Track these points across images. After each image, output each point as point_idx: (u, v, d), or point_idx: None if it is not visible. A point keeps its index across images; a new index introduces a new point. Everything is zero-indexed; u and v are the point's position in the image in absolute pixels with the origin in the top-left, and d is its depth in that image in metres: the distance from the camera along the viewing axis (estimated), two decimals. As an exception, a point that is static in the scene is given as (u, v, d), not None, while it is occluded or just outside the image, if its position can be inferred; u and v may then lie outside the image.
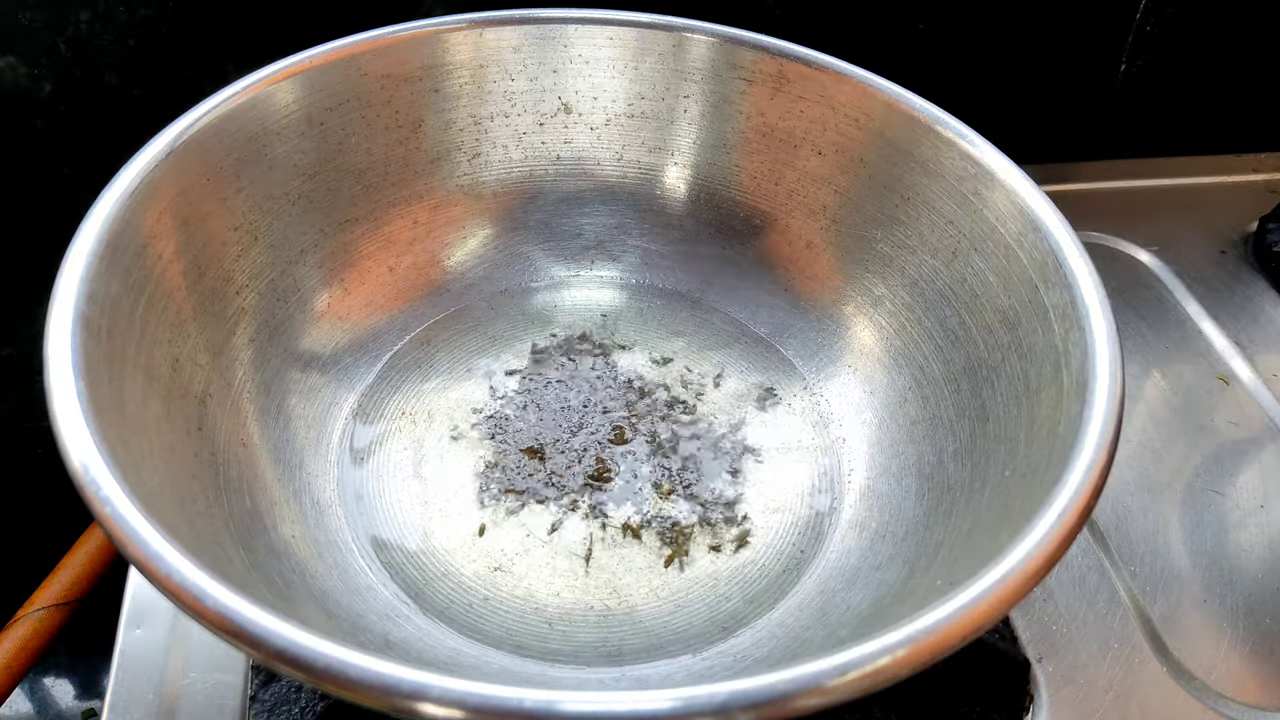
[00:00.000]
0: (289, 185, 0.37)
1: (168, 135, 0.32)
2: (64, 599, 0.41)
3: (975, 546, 0.28)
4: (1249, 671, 0.35)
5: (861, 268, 0.39)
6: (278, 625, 0.21)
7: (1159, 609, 0.37)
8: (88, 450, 0.23)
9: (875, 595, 0.31)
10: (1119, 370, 0.28)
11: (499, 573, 0.33)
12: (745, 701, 0.20)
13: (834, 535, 0.35)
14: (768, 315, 0.42)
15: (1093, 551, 0.39)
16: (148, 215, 0.30)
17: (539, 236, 0.43)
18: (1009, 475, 0.30)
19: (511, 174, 0.42)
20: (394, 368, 0.39)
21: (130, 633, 0.34)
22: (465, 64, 0.40)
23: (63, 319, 0.26)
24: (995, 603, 0.22)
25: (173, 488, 0.27)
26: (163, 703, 0.32)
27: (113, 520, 0.22)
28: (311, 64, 0.36)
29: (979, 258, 0.34)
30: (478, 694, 0.20)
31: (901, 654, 0.21)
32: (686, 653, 0.32)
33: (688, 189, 0.43)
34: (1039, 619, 0.36)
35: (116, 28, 0.44)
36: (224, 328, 0.34)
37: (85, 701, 0.58)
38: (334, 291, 0.39)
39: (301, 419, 0.36)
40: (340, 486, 0.35)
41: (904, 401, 0.37)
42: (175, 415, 0.30)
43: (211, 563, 0.22)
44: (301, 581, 0.30)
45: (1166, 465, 0.42)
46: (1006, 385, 0.32)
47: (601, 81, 0.41)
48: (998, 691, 0.34)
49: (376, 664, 0.20)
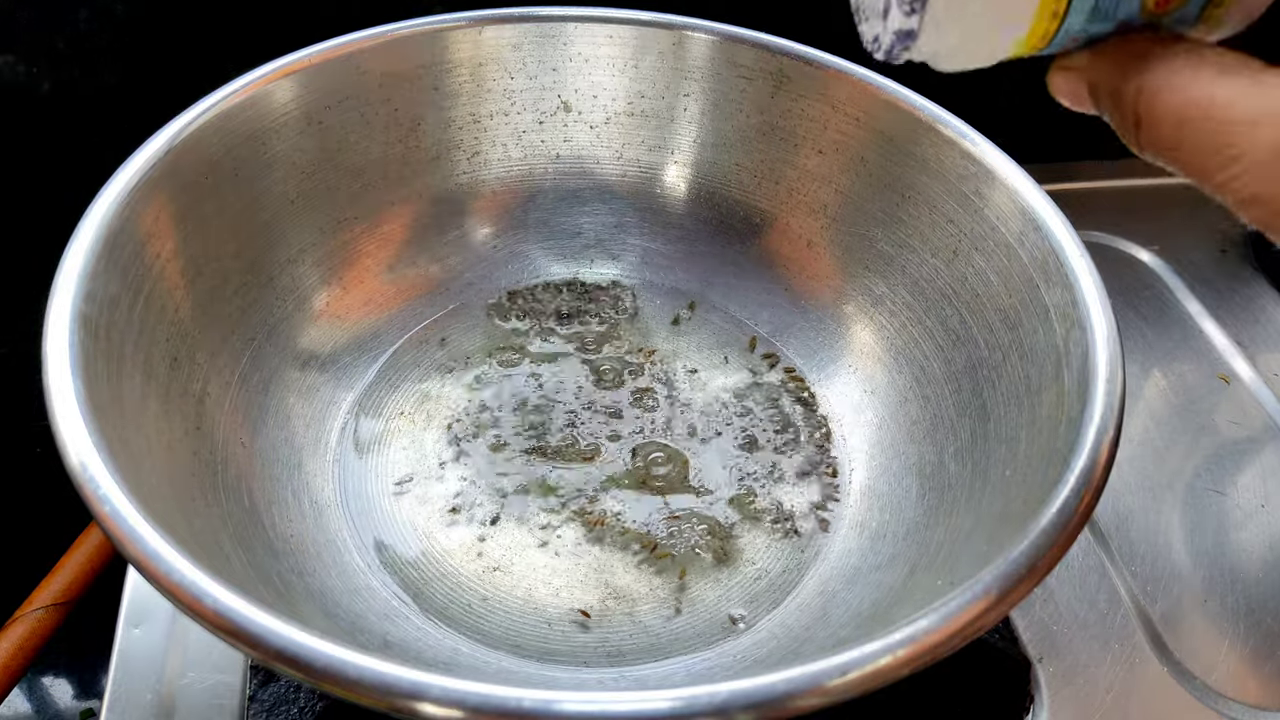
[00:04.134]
0: (287, 184, 0.37)
1: (166, 134, 0.32)
2: (62, 598, 0.41)
3: (975, 546, 0.28)
4: (1250, 671, 0.35)
5: (862, 267, 0.39)
6: (276, 625, 0.21)
7: (1159, 609, 0.37)
8: (86, 449, 0.23)
9: (875, 595, 0.31)
10: (1120, 370, 0.28)
11: (498, 573, 0.33)
12: (745, 701, 0.20)
13: (834, 535, 0.35)
14: (768, 314, 0.42)
15: (1093, 551, 0.39)
16: (146, 214, 0.30)
17: (538, 235, 0.43)
18: (1010, 475, 0.30)
19: (511, 172, 0.42)
20: (393, 367, 0.39)
21: (129, 632, 0.34)
22: (464, 62, 0.40)
23: (61, 317, 0.26)
24: (995, 603, 0.22)
25: (171, 486, 0.27)
26: (161, 702, 0.32)
27: (111, 519, 0.22)
28: (310, 62, 0.36)
29: (980, 257, 0.34)
30: (477, 694, 0.20)
31: (901, 654, 0.21)
32: (686, 653, 0.32)
33: (688, 188, 0.43)
34: (1039, 619, 0.36)
35: (115, 26, 0.44)
36: (222, 326, 0.34)
37: (84, 701, 0.58)
38: (333, 290, 0.39)
39: (300, 418, 0.36)
40: (339, 486, 0.35)
41: (904, 401, 0.37)
42: (173, 414, 0.30)
43: (210, 562, 0.22)
44: (300, 581, 0.30)
45: (1167, 465, 0.42)
46: (1007, 385, 0.32)
47: (601, 80, 0.41)
48: (998, 691, 0.34)
49: (375, 664, 0.20)
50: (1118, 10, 0.18)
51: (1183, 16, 0.19)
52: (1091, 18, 0.18)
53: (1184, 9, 0.19)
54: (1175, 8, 0.19)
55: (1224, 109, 0.17)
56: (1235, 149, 0.17)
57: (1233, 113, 0.17)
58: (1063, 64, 0.20)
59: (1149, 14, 0.19)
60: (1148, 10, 0.18)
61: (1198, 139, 0.17)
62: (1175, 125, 0.18)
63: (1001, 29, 0.19)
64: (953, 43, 0.19)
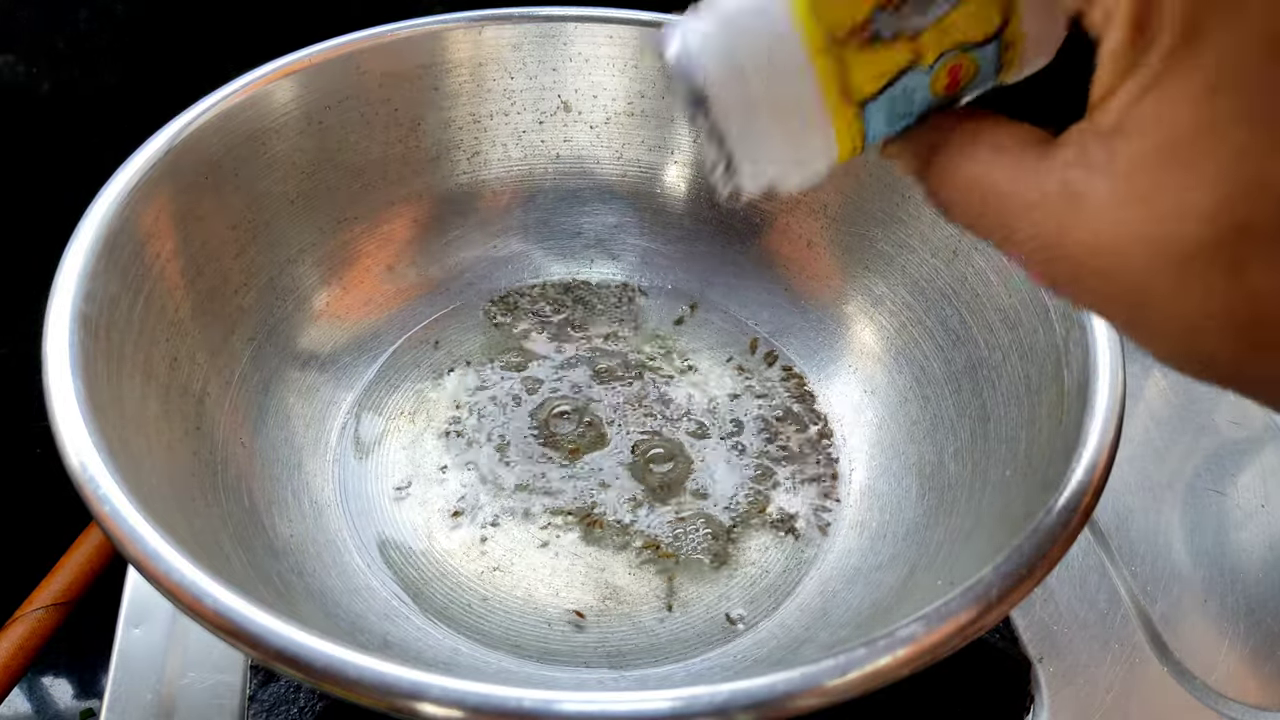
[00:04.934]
0: (287, 184, 0.37)
1: (166, 134, 0.32)
2: (62, 598, 0.41)
3: (975, 546, 0.28)
4: (1250, 671, 0.35)
5: (862, 267, 0.39)
6: (276, 624, 0.21)
7: (1159, 609, 0.37)
8: (86, 449, 0.23)
9: (875, 595, 0.31)
10: (1120, 369, 0.28)
11: (498, 573, 0.33)
12: (745, 701, 0.20)
13: (834, 535, 0.35)
14: (768, 315, 0.42)
15: (1093, 551, 0.38)
16: (146, 214, 0.30)
17: (538, 235, 0.43)
18: (1010, 475, 0.30)
19: (511, 172, 0.42)
20: (393, 366, 0.39)
21: (129, 632, 0.34)
22: (464, 62, 0.40)
23: (61, 317, 0.26)
24: (995, 603, 0.22)
25: (171, 486, 0.27)
26: (161, 702, 0.32)
27: (111, 519, 0.22)
28: (310, 62, 0.36)
29: (980, 257, 0.34)
30: (476, 693, 0.20)
31: (901, 654, 0.21)
32: (686, 653, 0.32)
33: (688, 187, 0.43)
34: (1039, 619, 0.36)
35: (115, 26, 0.44)
36: (222, 326, 0.34)
37: (84, 701, 0.58)
38: (332, 290, 0.39)
39: (300, 418, 0.36)
40: (339, 486, 0.35)
41: (905, 401, 0.37)
42: (173, 414, 0.30)
43: (210, 562, 0.22)
44: (300, 581, 0.30)
45: (1167, 465, 0.42)
46: (1007, 385, 0.32)
47: (601, 79, 0.41)
48: (998, 691, 0.34)
49: (375, 664, 0.20)
50: (912, 106, 0.19)
51: (980, 82, 0.19)
52: (890, 122, 0.19)
53: (976, 79, 0.19)
54: (967, 82, 0.19)
55: (1000, 197, 0.17)
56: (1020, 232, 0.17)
57: (1009, 201, 0.17)
58: (885, 151, 0.20)
59: (943, 97, 0.19)
60: (940, 95, 0.19)
61: (985, 223, 0.17)
62: (964, 209, 0.18)
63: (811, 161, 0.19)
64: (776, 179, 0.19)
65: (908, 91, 0.18)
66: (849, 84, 0.18)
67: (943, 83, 0.18)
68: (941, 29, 0.18)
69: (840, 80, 0.18)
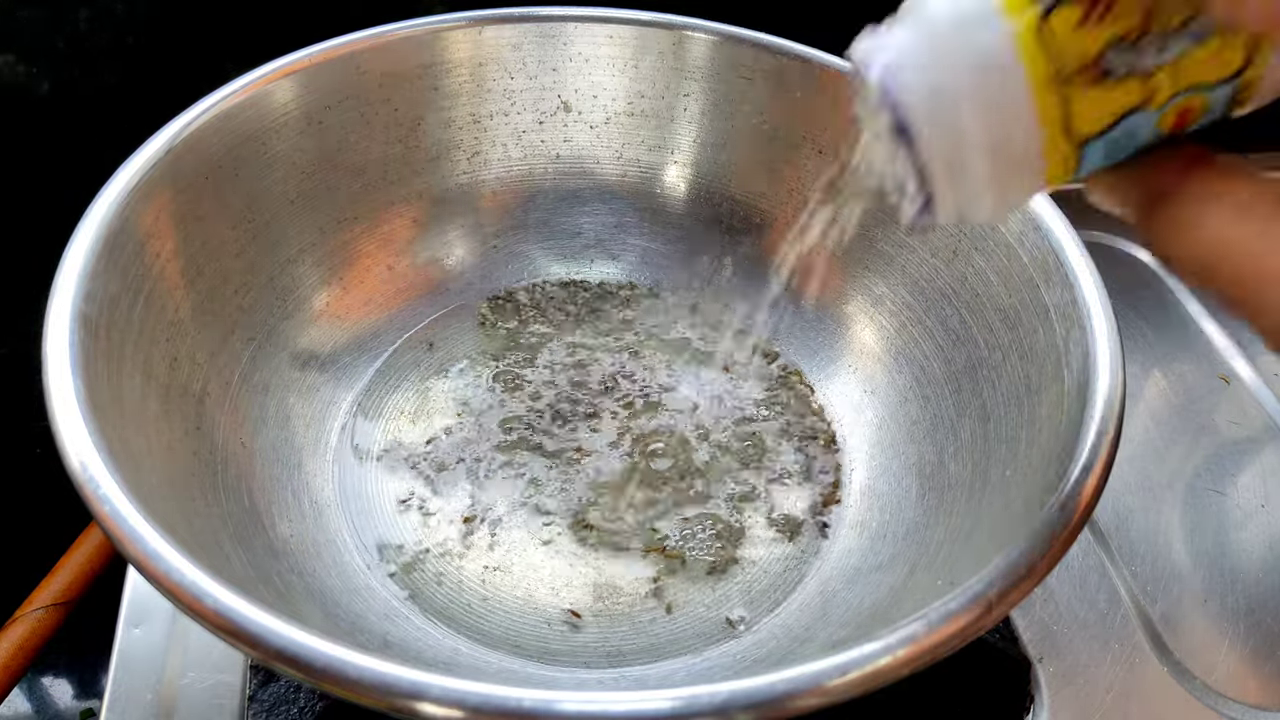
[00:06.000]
0: (287, 184, 0.37)
1: (166, 134, 0.32)
2: (62, 598, 0.41)
3: (975, 546, 0.28)
4: (1250, 671, 0.35)
5: (862, 267, 0.39)
6: (276, 624, 0.21)
7: (1159, 609, 0.37)
8: (86, 449, 0.23)
9: (875, 595, 0.31)
10: (1120, 369, 0.28)
11: (498, 573, 0.33)
12: (745, 701, 0.20)
13: (834, 535, 0.35)
14: (768, 314, 0.42)
15: (1093, 551, 0.38)
16: (146, 214, 0.30)
17: (538, 235, 0.43)
18: (1010, 475, 0.30)
19: (511, 172, 0.42)
20: (393, 366, 0.39)
21: (129, 632, 0.34)
22: (464, 62, 0.40)
23: (61, 317, 0.26)
24: (995, 603, 0.22)
25: (171, 486, 0.27)
26: (161, 702, 0.32)
27: (111, 519, 0.22)
28: (310, 62, 0.36)
29: (980, 256, 0.34)
30: (476, 693, 0.20)
31: (901, 654, 0.21)
32: (686, 653, 0.32)
33: (688, 187, 0.43)
34: (1039, 619, 0.36)
35: (115, 26, 0.44)
36: (222, 326, 0.34)
37: (84, 701, 0.58)
38: (332, 290, 0.39)
39: (300, 418, 0.36)
40: (339, 486, 0.35)
41: (905, 401, 0.37)
42: (173, 414, 0.30)
43: (210, 562, 0.22)
44: (300, 581, 0.30)
45: (1167, 465, 0.42)
46: (1007, 385, 0.32)
47: (601, 80, 0.41)
48: (998, 691, 0.34)
49: (375, 663, 0.20)
50: (1133, 142, 0.17)
51: (1206, 120, 0.18)
52: (1106, 158, 0.18)
53: (1204, 118, 0.17)
54: (1194, 122, 0.17)
55: (1239, 260, 0.16)
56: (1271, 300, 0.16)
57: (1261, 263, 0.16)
58: (1092, 188, 0.18)
59: (1167, 136, 0.18)
60: (1164, 134, 0.17)
61: (1222, 284, 0.16)
62: (1198, 265, 0.17)
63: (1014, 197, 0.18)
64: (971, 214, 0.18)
65: (1130, 130, 0.17)
66: (1071, 124, 0.17)
67: (1170, 122, 0.17)
68: (1178, 69, 0.16)
69: (1063, 120, 0.17)
